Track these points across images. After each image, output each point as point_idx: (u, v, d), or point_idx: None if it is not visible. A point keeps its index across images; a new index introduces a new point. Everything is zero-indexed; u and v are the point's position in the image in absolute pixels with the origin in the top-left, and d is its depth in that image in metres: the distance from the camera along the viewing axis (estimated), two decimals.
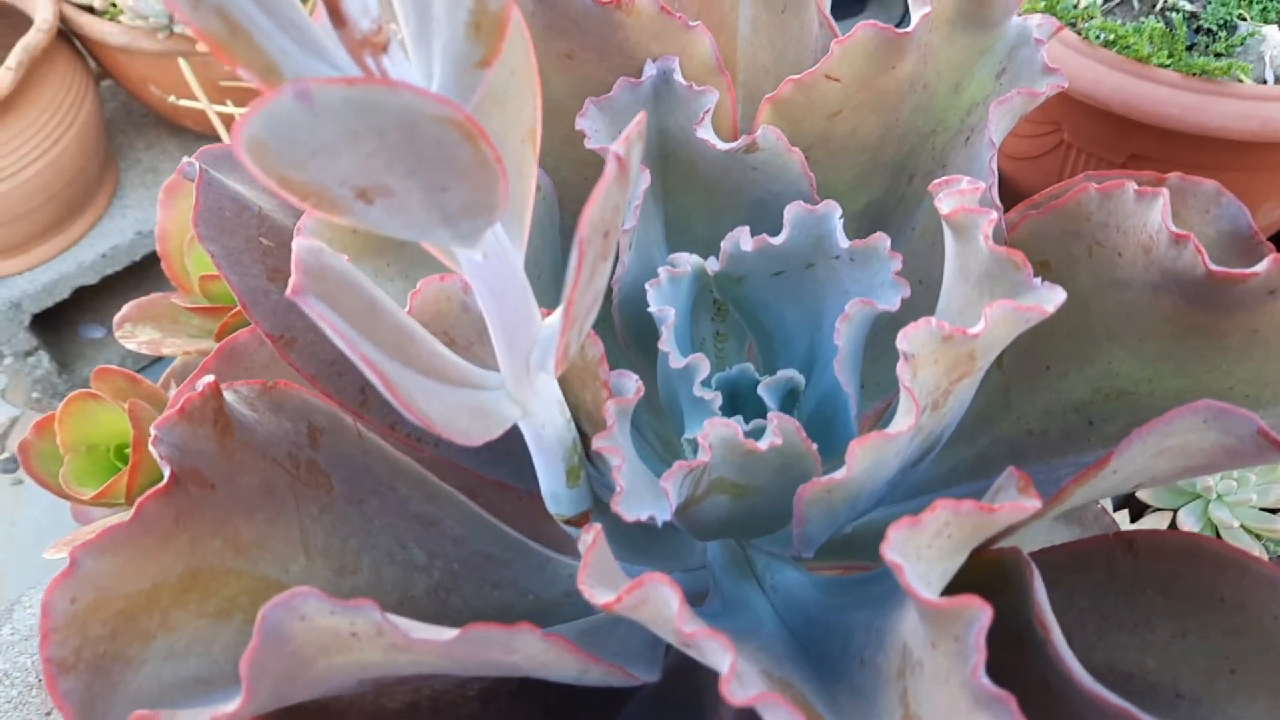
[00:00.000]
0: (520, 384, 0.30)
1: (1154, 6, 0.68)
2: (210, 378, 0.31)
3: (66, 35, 1.06)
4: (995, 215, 0.30)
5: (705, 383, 0.37)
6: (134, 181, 1.17)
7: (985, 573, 0.35)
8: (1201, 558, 0.39)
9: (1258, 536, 0.63)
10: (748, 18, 0.48)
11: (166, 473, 0.28)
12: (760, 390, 0.38)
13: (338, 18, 0.20)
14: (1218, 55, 0.63)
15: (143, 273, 1.16)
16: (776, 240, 0.37)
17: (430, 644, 0.26)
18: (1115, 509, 0.66)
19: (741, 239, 0.37)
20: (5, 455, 1.18)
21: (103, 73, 1.17)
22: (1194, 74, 0.59)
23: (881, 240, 0.36)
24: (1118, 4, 0.69)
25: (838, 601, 0.39)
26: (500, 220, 0.24)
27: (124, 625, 0.29)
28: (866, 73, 0.39)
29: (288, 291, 0.23)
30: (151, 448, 0.29)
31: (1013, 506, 0.26)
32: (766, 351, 0.43)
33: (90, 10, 1.02)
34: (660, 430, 0.47)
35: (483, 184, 0.21)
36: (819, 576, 0.43)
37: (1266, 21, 0.66)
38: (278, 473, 0.33)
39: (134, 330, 0.77)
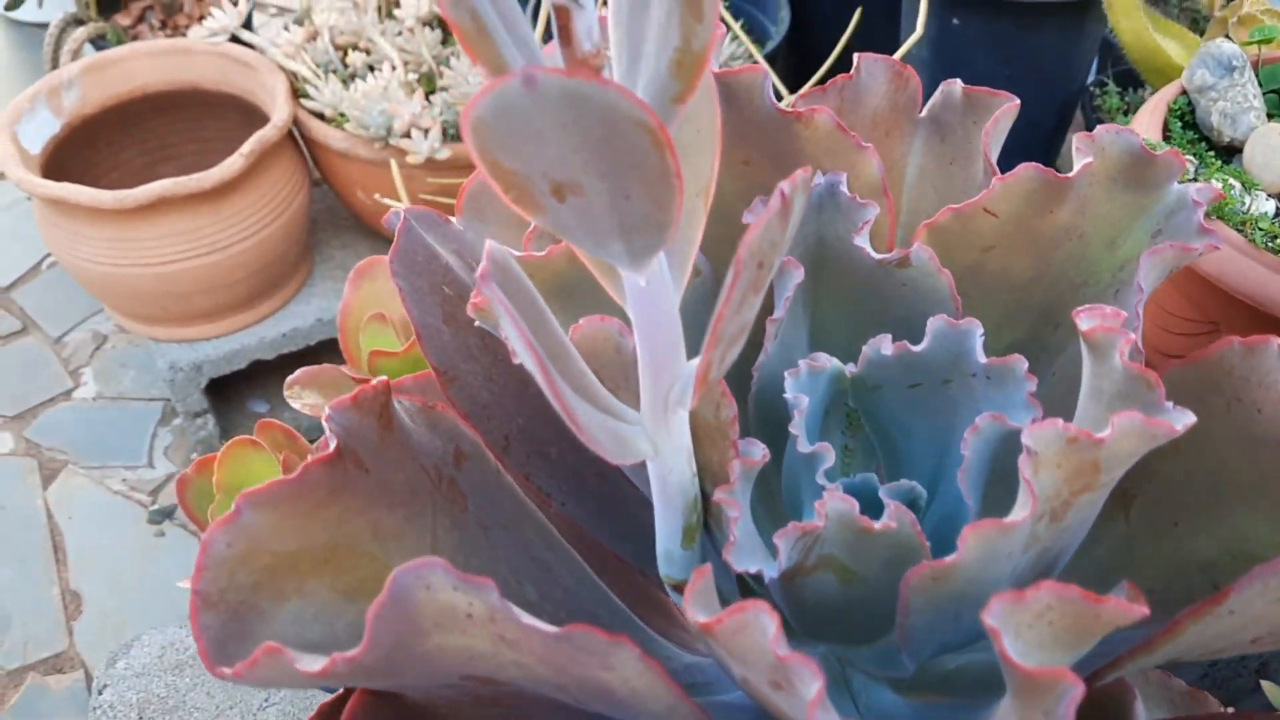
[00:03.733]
0: (657, 421, 0.32)
1: None
2: (384, 377, 0.34)
3: (294, 138, 1.18)
4: (1133, 336, 0.32)
5: (829, 473, 0.38)
6: (324, 274, 1.27)
7: (1091, 707, 0.34)
8: None
9: None
10: (915, 165, 0.52)
11: (332, 445, 0.31)
12: (881, 493, 0.39)
13: (566, 35, 0.24)
14: None
15: (314, 357, 1.24)
16: (917, 348, 0.38)
17: (536, 634, 0.27)
18: None
19: (883, 344, 0.39)
20: (155, 507, 1.25)
21: (320, 178, 1.29)
22: None
23: (1019, 361, 0.37)
24: None
25: None
26: (669, 245, 0.27)
27: (266, 580, 0.31)
28: (1024, 212, 0.41)
29: (476, 273, 0.26)
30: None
31: (1118, 603, 0.26)
32: (893, 471, 0.44)
33: (321, 117, 1.14)
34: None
35: (662, 196, 0.24)
36: (914, 701, 0.42)
37: None
38: (423, 479, 0.36)
39: (301, 393, 0.83)
